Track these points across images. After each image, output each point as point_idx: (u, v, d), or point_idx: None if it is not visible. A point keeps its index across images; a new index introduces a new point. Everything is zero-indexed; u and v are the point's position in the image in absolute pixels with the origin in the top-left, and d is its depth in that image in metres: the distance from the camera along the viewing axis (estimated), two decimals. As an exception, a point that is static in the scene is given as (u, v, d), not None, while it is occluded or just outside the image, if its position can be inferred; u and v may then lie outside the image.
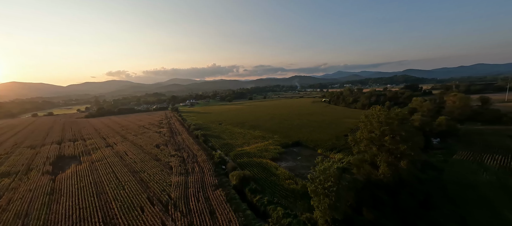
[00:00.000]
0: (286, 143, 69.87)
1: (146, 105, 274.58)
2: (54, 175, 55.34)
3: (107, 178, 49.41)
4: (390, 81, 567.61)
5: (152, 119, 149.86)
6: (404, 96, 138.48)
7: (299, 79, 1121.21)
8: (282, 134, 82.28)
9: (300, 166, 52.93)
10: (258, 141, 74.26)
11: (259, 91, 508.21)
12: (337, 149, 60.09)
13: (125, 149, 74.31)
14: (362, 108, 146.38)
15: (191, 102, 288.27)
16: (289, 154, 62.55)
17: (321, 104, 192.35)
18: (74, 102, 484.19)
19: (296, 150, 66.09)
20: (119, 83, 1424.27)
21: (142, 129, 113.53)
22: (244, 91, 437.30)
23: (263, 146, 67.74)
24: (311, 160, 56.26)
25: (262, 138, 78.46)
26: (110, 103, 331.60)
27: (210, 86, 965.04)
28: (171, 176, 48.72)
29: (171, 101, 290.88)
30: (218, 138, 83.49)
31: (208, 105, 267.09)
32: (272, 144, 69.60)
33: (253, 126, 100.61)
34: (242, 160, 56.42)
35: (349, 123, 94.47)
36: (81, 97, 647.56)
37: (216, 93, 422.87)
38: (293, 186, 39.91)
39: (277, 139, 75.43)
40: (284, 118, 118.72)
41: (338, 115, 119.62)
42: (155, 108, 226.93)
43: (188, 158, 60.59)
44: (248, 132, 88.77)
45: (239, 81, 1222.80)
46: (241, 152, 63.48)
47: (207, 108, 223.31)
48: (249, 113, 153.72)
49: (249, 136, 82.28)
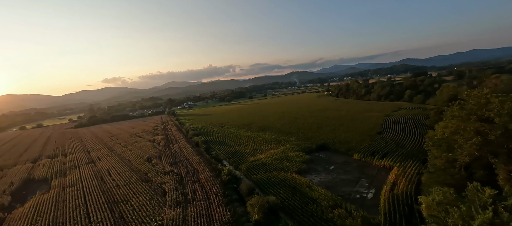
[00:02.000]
0: (309, 148, 55.94)
1: (142, 110, 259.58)
2: (9, 210, 41.22)
3: (74, 216, 35.23)
4: (390, 71, 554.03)
5: (147, 125, 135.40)
6: (424, 83, 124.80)
7: (297, 75, 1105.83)
8: (300, 135, 68.36)
9: (339, 181, 39.03)
10: (272, 147, 60.27)
11: (258, 89, 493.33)
12: (380, 153, 46.21)
13: (109, 166, 60.10)
14: (378, 99, 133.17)
15: (188, 104, 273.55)
16: (317, 162, 48.60)
17: (328, 98, 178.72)
18: (68, 112, 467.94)
19: (324, 156, 52.16)
20: (115, 90, 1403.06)
21: (134, 137, 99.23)
22: (243, 90, 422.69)
23: (281, 153, 53.78)
24: (350, 171, 42.42)
25: (277, 142, 64.47)
26: (105, 110, 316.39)
27: (207, 87, 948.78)
28: (164, 207, 34.63)
29: (167, 105, 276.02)
30: (222, 145, 69.40)
31: (207, 106, 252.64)
32: (291, 149, 55.66)
33: (262, 128, 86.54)
34: (259, 176, 42.38)
35: (374, 118, 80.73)
36: (76, 106, 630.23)
37: (215, 93, 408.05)
38: (348, 221, 25.90)
39: (295, 142, 61.51)
40: (295, 116, 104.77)
41: (356, 109, 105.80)
42: (151, 113, 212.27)
43: (187, 176, 46.51)
44: (258, 136, 74.70)
45: (237, 81, 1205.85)
46: (255, 163, 49.41)
47: (206, 109, 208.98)
48: (253, 112, 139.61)
49: (260, 141, 68.24)
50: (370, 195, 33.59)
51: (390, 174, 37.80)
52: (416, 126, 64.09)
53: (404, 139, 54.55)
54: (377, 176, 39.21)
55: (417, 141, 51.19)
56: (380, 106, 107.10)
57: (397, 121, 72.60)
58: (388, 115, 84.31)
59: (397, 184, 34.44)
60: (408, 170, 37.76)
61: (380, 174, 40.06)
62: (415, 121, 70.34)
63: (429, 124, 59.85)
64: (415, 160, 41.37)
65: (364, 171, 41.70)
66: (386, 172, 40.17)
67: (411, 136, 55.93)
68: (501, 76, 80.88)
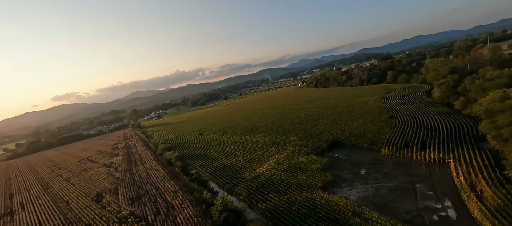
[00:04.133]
0: (319, 147, 43.52)
1: (101, 126, 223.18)
2: None
3: None
4: (354, 60, 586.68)
5: (104, 145, 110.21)
6: (402, 63, 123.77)
7: (268, 72, 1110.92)
8: (299, 133, 55.86)
9: (387, 193, 26.89)
10: (272, 152, 46.44)
11: (232, 89, 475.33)
12: (415, 143, 35.78)
13: (33, 218, 39.65)
14: (361, 84, 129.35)
15: (157, 113, 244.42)
16: (339, 166, 36.27)
17: (309, 89, 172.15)
18: (7, 139, 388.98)
19: (342, 155, 40.17)
20: (68, 108, 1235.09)
21: (84, 163, 76.21)
22: (217, 92, 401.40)
23: (286, 160, 40.30)
24: (391, 173, 30.85)
25: (275, 145, 50.82)
26: (54, 132, 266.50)
27: (177, 93, 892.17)
28: None
29: (132, 117, 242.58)
30: (204, 159, 53.16)
31: (179, 113, 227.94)
32: (298, 153, 42.61)
33: (249, 129, 72.12)
34: (270, 205, 28.02)
35: (372, 102, 72.61)
36: (18, 131, 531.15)
37: (186, 99, 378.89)
38: None
39: (298, 142, 48.72)
40: (282, 111, 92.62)
41: (345, 96, 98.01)
42: (112, 129, 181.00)
43: (157, 220, 30.03)
44: (248, 139, 60.18)
45: (208, 84, 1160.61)
46: (256, 182, 34.82)
47: (178, 116, 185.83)
48: (233, 113, 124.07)
49: (252, 146, 53.81)
50: (452, 212, 21.93)
51: (454, 173, 27.03)
52: (426, 105, 56.57)
53: (426, 121, 45.60)
54: (433, 177, 28.16)
55: (444, 122, 42.40)
56: (368, 90, 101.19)
57: (401, 102, 65.05)
58: (384, 97, 77.29)
59: (477, 187, 23.59)
60: (474, 162, 27.43)
61: (434, 172, 29.15)
62: (419, 100, 63.48)
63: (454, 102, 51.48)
64: (467, 146, 31.60)
65: (409, 172, 30.46)
66: (441, 169, 29.48)
67: (431, 116, 47.35)
68: (486, 45, 79.73)
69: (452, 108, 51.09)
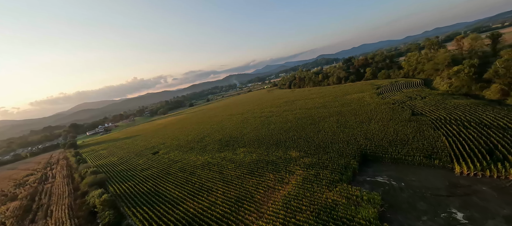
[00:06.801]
0: (345, 167, 27.63)
1: (23, 149, 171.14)
2: None
3: None
4: (315, 64, 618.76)
5: (8, 178, 75.98)
6: (375, 60, 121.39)
7: (235, 77, 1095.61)
8: (299, 144, 39.50)
9: None
10: (271, 183, 28.57)
11: (197, 96, 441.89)
12: (495, 154, 22.72)
13: None
14: (338, 82, 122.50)
15: (105, 127, 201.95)
16: (395, 202, 20.57)
17: (284, 90, 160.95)
18: None
19: (389, 179, 24.78)
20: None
21: None
22: (181, 99, 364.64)
23: (302, 199, 23.04)
24: (509, 217, 15.97)
25: (271, 166, 33.05)
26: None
27: (135, 103, 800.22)
28: None
29: (70, 133, 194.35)
30: (156, 202, 31.94)
31: (132, 125, 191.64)
32: (315, 179, 25.91)
33: (225, 143, 52.75)
34: None
35: (368, 98, 61.60)
36: None
37: (144, 108, 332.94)
38: None
39: (306, 160, 32.17)
40: (261, 115, 75.90)
41: (330, 94, 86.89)
42: (35, 151, 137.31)
43: None
44: (225, 159, 40.95)
45: (171, 92, 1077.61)
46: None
47: (131, 129, 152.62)
48: (200, 122, 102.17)
49: (232, 170, 34.94)
50: None
51: None
52: (443, 98, 46.70)
53: (472, 116, 34.16)
54: None
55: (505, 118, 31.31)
56: (353, 88, 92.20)
57: (407, 97, 54.80)
58: (379, 93, 67.63)
59: None
60: None
61: None
62: (424, 93, 54.25)
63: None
64: None
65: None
66: None
67: (472, 110, 36.42)
68: (470, 35, 77.83)
69: (478, 98, 41.86)
